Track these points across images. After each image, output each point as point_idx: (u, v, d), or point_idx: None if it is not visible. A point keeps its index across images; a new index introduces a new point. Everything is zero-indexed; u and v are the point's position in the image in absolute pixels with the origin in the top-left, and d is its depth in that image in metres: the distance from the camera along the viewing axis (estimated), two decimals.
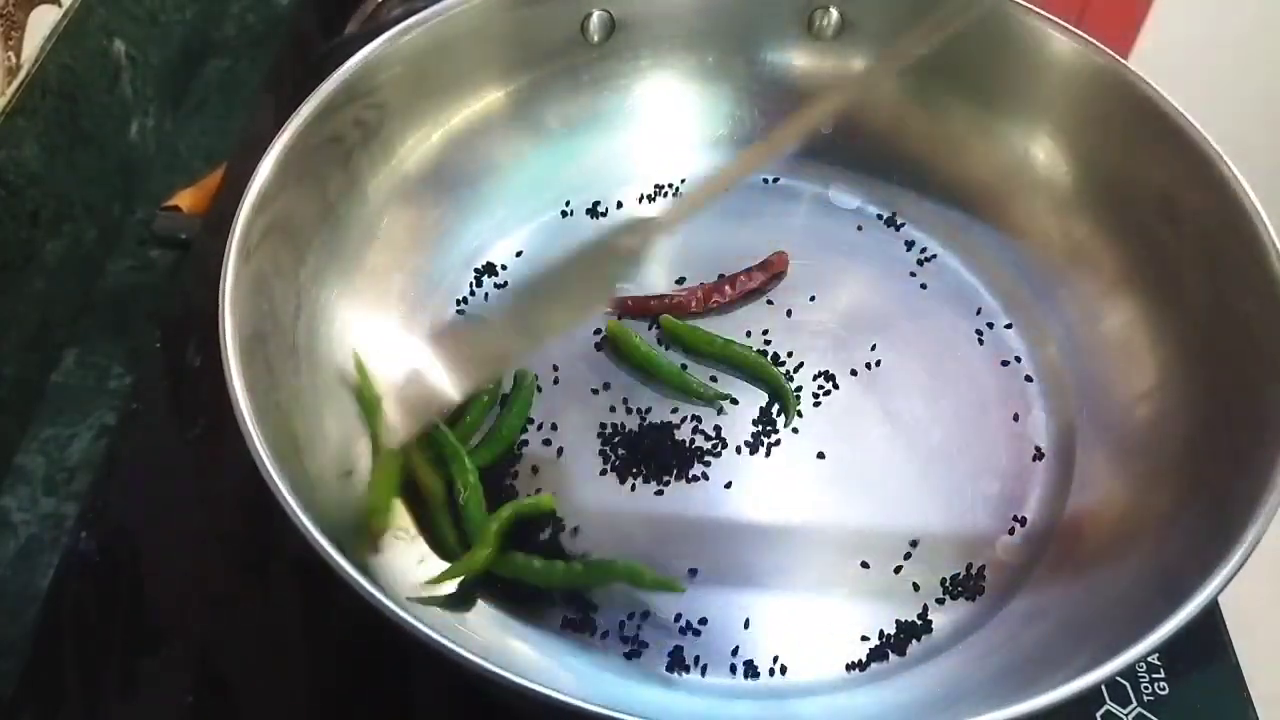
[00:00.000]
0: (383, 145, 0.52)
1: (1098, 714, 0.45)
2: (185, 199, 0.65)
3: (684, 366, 0.52)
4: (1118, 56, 0.51)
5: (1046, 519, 0.48)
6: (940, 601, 0.46)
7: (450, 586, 0.44)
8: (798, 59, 0.60)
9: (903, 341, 0.54)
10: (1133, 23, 1.26)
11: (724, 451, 0.50)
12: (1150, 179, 0.51)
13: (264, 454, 0.37)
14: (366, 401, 0.47)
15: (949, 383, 0.53)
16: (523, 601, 0.45)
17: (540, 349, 0.52)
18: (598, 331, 0.53)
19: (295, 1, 0.79)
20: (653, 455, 0.49)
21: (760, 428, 0.50)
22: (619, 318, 0.54)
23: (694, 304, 0.54)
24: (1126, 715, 0.45)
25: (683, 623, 0.45)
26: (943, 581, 0.46)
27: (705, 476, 0.49)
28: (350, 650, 0.46)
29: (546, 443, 0.50)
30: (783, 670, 0.44)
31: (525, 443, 0.50)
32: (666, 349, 0.53)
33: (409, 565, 0.44)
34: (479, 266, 0.56)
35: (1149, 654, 0.35)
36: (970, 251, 0.57)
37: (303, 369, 0.46)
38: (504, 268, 0.56)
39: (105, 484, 0.52)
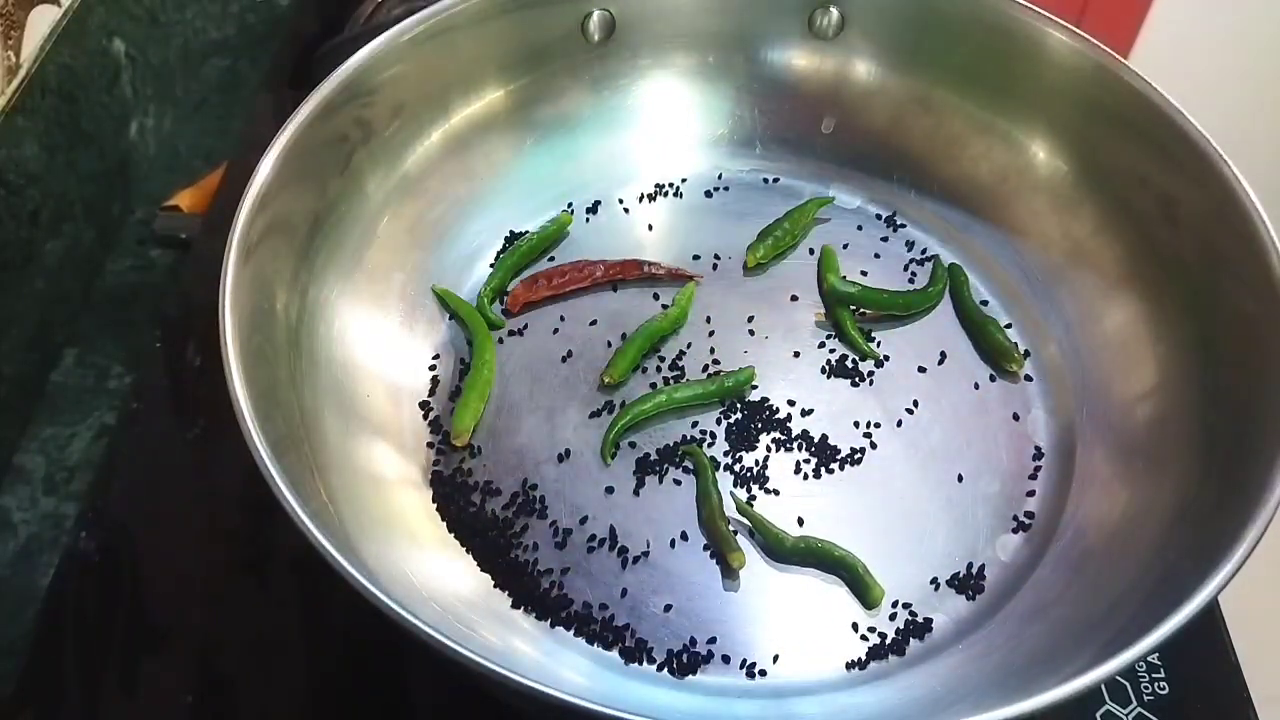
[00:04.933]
0: (383, 145, 0.52)
1: (1098, 714, 0.45)
2: (185, 199, 0.65)
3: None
4: (1118, 55, 0.51)
5: (1046, 519, 0.48)
6: (940, 601, 0.46)
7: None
8: (798, 58, 0.60)
9: (902, 341, 0.54)
10: (1133, 23, 1.26)
11: (723, 451, 0.50)
12: (1150, 179, 0.51)
13: (264, 454, 0.37)
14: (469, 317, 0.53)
15: (949, 382, 0.53)
16: (522, 600, 0.45)
17: None
18: (594, 414, 0.51)
19: (295, 2, 0.79)
20: (657, 451, 0.49)
21: (761, 427, 0.51)
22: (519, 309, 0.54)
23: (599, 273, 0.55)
24: (1126, 715, 0.45)
25: (683, 622, 0.45)
26: (943, 581, 0.46)
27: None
28: (350, 650, 0.46)
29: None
30: (783, 669, 0.44)
31: None
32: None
33: (410, 565, 0.44)
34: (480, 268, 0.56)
35: (1149, 654, 0.35)
36: (970, 251, 0.57)
37: (303, 369, 0.46)
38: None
39: (105, 484, 0.52)
